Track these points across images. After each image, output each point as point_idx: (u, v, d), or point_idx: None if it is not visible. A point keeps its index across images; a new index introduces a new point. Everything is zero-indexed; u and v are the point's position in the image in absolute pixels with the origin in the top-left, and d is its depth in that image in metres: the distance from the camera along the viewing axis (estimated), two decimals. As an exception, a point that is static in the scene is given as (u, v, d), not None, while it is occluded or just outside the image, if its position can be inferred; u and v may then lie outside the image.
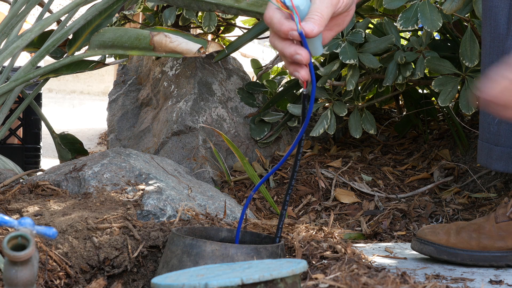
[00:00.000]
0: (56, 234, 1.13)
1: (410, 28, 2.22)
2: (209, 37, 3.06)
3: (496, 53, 1.73)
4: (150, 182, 1.83)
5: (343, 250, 1.55)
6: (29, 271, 1.13)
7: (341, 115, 2.45)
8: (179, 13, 2.76)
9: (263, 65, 2.99)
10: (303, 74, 1.29)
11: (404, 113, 2.85)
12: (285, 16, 1.26)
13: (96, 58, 2.04)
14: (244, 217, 1.75)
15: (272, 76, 2.93)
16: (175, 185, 1.88)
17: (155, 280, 1.19)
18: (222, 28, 3.00)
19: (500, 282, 1.60)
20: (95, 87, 6.43)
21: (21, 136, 2.64)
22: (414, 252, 1.82)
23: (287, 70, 1.29)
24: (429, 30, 2.19)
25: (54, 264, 1.53)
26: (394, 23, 2.37)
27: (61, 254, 1.56)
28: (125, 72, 2.99)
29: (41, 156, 2.67)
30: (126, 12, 2.79)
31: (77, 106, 5.93)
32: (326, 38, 1.36)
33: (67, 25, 1.96)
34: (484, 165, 1.79)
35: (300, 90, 2.65)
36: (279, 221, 1.42)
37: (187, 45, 1.72)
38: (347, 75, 2.39)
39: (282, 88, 2.75)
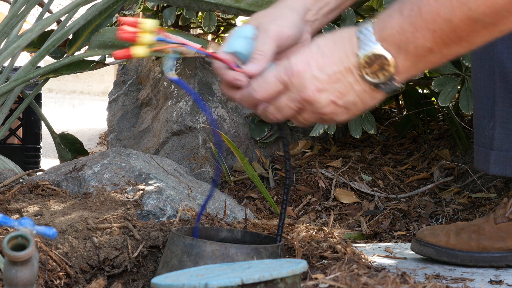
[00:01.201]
0: (56, 234, 1.13)
1: (410, 28, 2.21)
2: (209, 37, 3.06)
3: (486, 58, 1.73)
4: (150, 182, 1.83)
5: (343, 250, 1.55)
6: (29, 271, 1.13)
7: (341, 115, 2.45)
8: (179, 13, 2.76)
9: (263, 65, 2.99)
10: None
11: (404, 113, 2.85)
12: (226, 66, 1.28)
13: (96, 58, 2.04)
14: (244, 217, 1.75)
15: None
16: (175, 185, 1.89)
17: (155, 280, 1.19)
18: (222, 28, 3.00)
19: (500, 282, 1.60)
20: (95, 87, 6.43)
21: (21, 136, 2.64)
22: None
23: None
24: (429, 30, 2.19)
25: (54, 264, 1.53)
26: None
27: (61, 254, 1.56)
28: (125, 72, 2.99)
29: (41, 156, 2.68)
30: (126, 12, 2.79)
31: (77, 106, 5.94)
32: None
33: (67, 25, 1.96)
34: (481, 170, 1.79)
35: None
36: (279, 221, 1.43)
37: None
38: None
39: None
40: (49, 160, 3.32)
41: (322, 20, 1.39)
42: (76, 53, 1.98)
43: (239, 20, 3.12)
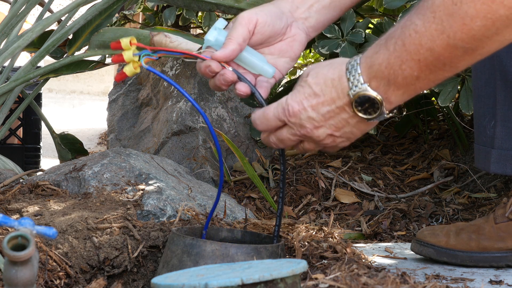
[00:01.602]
0: (56, 234, 1.13)
1: (410, 28, 2.21)
2: (209, 37, 3.06)
3: (487, 57, 1.73)
4: (150, 182, 1.83)
5: (343, 250, 1.55)
6: (29, 271, 1.13)
7: (341, 115, 2.44)
8: (179, 13, 2.76)
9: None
10: (240, 87, 1.37)
11: (404, 113, 2.85)
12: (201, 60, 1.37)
13: (96, 58, 2.04)
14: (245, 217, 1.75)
15: (272, 76, 2.93)
16: (175, 185, 1.88)
17: (155, 280, 1.19)
18: (222, 28, 3.00)
19: (500, 282, 1.60)
20: (95, 87, 6.43)
21: (21, 136, 2.64)
22: (414, 252, 1.83)
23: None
24: (429, 30, 2.19)
25: (54, 264, 1.53)
26: (394, 23, 2.37)
27: (61, 254, 1.56)
28: (125, 72, 2.99)
29: (41, 156, 2.67)
30: (126, 12, 2.79)
31: (77, 106, 5.94)
32: (281, 65, 1.42)
33: (67, 25, 1.96)
34: (482, 168, 1.80)
35: None
36: (276, 221, 1.43)
37: (187, 45, 1.72)
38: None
39: (282, 88, 2.75)
40: (49, 160, 3.32)
41: (317, 17, 1.43)
42: (76, 53, 1.98)
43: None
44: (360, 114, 1.23)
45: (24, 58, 2.79)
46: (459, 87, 2.28)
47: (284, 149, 1.40)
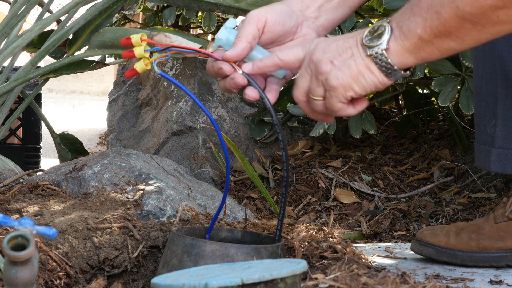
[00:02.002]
0: (56, 234, 1.13)
1: (410, 28, 2.21)
2: (209, 37, 3.06)
3: (488, 55, 1.73)
4: (150, 182, 1.83)
5: (343, 250, 1.55)
6: (29, 271, 1.13)
7: (341, 115, 2.44)
8: (179, 13, 2.76)
9: (263, 65, 2.98)
10: (249, 92, 1.37)
11: (404, 113, 2.85)
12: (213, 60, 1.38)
13: (96, 58, 2.04)
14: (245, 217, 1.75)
15: (272, 76, 2.93)
16: (175, 185, 1.88)
17: (155, 280, 1.19)
18: (222, 28, 3.00)
19: (500, 282, 1.60)
20: (95, 87, 6.43)
21: (21, 136, 2.64)
22: (414, 252, 1.83)
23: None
24: (429, 30, 2.19)
25: (54, 264, 1.53)
26: (394, 23, 2.37)
27: (61, 254, 1.56)
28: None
29: (41, 156, 2.67)
30: (126, 12, 2.79)
31: (77, 106, 5.94)
32: None
33: (67, 25, 1.96)
34: (482, 168, 1.80)
35: None
36: (278, 223, 1.43)
37: (187, 45, 1.72)
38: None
39: (282, 88, 2.74)
40: (49, 160, 3.32)
41: (327, 16, 1.43)
42: (76, 53, 1.98)
43: (239, 20, 3.12)
44: (365, 40, 1.24)
45: (24, 58, 2.79)
46: (459, 87, 2.28)
47: (287, 157, 1.38)
